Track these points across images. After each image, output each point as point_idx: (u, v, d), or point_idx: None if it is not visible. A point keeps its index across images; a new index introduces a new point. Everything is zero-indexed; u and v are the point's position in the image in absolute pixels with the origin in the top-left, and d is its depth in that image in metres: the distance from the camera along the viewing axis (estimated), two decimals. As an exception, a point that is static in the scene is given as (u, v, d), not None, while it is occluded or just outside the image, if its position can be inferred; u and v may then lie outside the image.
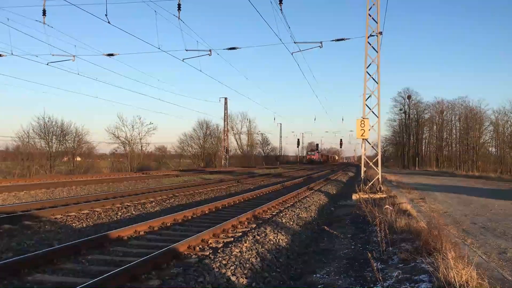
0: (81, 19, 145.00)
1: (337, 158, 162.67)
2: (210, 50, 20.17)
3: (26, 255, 6.67)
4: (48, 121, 47.96)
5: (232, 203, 15.36)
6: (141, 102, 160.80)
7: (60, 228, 10.14)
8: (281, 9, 15.61)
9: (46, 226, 10.27)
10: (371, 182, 18.59)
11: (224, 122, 70.49)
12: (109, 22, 15.38)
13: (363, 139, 18.43)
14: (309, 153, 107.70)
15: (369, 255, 6.47)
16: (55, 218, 11.24)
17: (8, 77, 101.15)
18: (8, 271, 5.94)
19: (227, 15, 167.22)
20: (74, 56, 21.41)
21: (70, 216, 11.73)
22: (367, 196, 15.83)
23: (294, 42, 19.54)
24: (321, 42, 19.01)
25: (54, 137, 48.33)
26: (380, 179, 18.54)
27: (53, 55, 21.86)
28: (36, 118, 48.96)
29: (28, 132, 46.58)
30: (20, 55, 32.90)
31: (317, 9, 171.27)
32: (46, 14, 17.99)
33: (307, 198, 17.66)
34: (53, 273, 6.30)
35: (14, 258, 6.51)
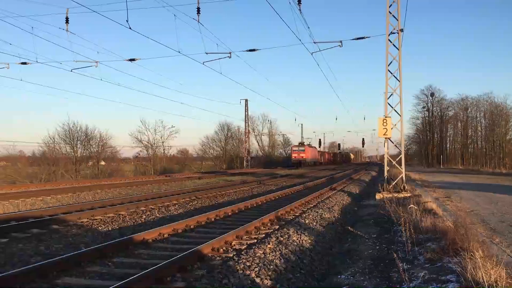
0: (103, 26, 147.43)
1: (352, 156, 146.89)
2: (230, 53, 20.26)
3: (54, 259, 6.80)
4: (73, 126, 48.91)
5: (254, 205, 15.38)
6: (163, 106, 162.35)
7: (87, 232, 10.32)
8: (300, 9, 15.60)
9: (73, 230, 10.46)
10: (395, 181, 18.37)
11: (245, 124, 70.66)
12: (130, 28, 15.58)
13: (385, 138, 18.23)
14: (294, 149, 70.81)
15: (395, 255, 6.40)
16: (82, 222, 11.44)
17: (33, 84, 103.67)
18: (37, 275, 6.07)
19: (246, 17, 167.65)
20: (97, 62, 21.79)
21: (96, 219, 11.92)
22: (390, 195, 15.66)
23: (314, 42, 19.48)
24: (340, 41, 18.89)
25: (79, 142, 49.25)
26: (403, 178, 18.31)
27: (76, 61, 22.29)
28: (61, 124, 50.01)
29: (53, 138, 47.61)
30: (45, 62, 33.72)
31: (336, 8, 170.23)
32: (69, 22, 18.37)
33: (330, 199, 17.55)
34: (80, 276, 6.42)
35: (43, 262, 6.66)
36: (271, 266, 6.96)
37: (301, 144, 74.34)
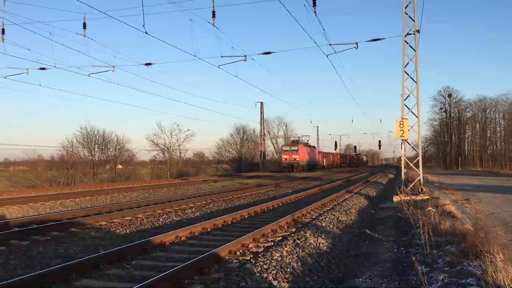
0: (119, 31, 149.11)
1: (365, 158, 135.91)
2: (245, 56, 20.31)
3: (73, 261, 6.90)
4: (91, 130, 49.49)
5: (271, 207, 15.38)
6: (178, 109, 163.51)
7: (105, 235, 10.44)
8: (315, 12, 15.54)
9: (92, 233, 10.59)
10: (412, 184, 18.19)
11: (261, 127, 70.66)
12: (146, 33, 15.73)
13: (402, 140, 18.07)
14: (285, 149, 57.62)
15: (413, 258, 6.33)
16: (100, 225, 11.58)
17: (52, 89, 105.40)
18: (57, 277, 6.15)
19: (261, 20, 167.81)
20: (113, 66, 22.04)
21: (114, 222, 12.05)
22: (408, 198, 15.48)
23: (329, 44, 19.37)
24: (356, 43, 18.77)
25: (96, 146, 49.82)
26: (421, 180, 18.11)
27: (94, 66, 22.55)
28: (79, 128, 50.60)
29: (72, 142, 48.26)
30: (63, 67, 34.30)
31: (351, 10, 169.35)
32: (86, 27, 18.62)
33: (347, 201, 17.45)
34: (99, 278, 6.49)
35: (62, 264, 6.75)
36: (288, 269, 6.94)
37: (294, 142, 59.72)
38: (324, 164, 73.74)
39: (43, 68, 22.65)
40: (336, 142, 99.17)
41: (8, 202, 16.52)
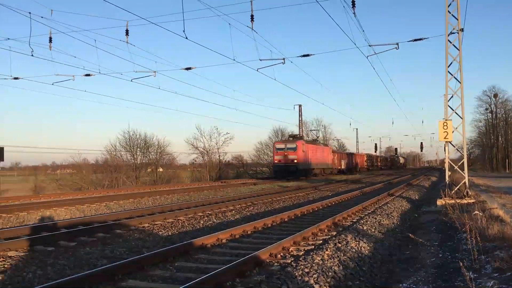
0: (160, 36, 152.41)
1: (402, 161, 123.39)
2: (283, 59, 20.31)
3: (119, 262, 7.09)
4: (133, 134, 50.73)
5: (311, 210, 15.29)
6: (217, 112, 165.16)
7: (148, 236, 10.67)
8: (354, 13, 15.37)
9: (135, 234, 10.85)
10: (457, 187, 17.64)
11: (299, 129, 70.31)
12: (186, 38, 16.00)
13: (446, 141, 17.57)
14: (278, 147, 42.10)
15: (460, 263, 6.13)
16: (143, 227, 11.84)
17: (96, 94, 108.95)
18: (104, 277, 6.34)
19: (300, 23, 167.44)
20: (155, 72, 22.52)
21: (156, 224, 12.30)
22: (453, 201, 15.02)
23: (369, 45, 19.12)
24: (397, 43, 18.42)
25: (138, 149, 51.00)
26: (466, 183, 17.53)
27: (136, 72, 23.13)
28: (122, 132, 52.01)
29: (115, 146, 49.60)
30: (107, 73, 35.37)
31: (392, 10, 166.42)
32: (128, 34, 19.12)
33: (388, 204, 17.12)
34: (144, 279, 6.64)
35: (108, 265, 6.95)
36: (330, 273, 6.88)
37: (293, 137, 44.11)
38: (342, 167, 60.88)
39: (88, 75, 23.38)
40: (376, 144, 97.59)
41: (56, 204, 17.17)
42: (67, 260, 8.05)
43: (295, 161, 40.06)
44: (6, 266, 7.64)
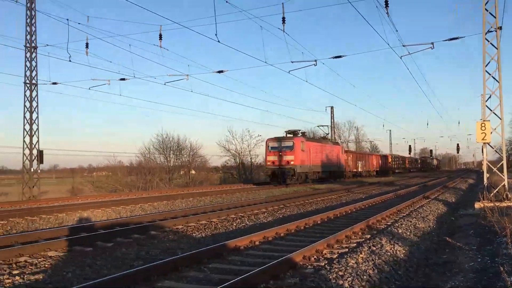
0: (193, 40, 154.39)
1: (435, 163, 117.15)
2: (315, 60, 20.29)
3: (154, 263, 7.20)
4: (166, 137, 51.49)
5: (343, 213, 15.15)
6: (249, 115, 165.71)
7: (182, 238, 10.81)
8: (387, 13, 15.21)
9: (170, 236, 11.02)
10: (496, 189, 17.11)
11: (331, 131, 69.86)
12: (219, 41, 16.17)
13: (484, 143, 17.09)
14: (271, 146, 34.74)
15: (501, 268, 5.96)
16: (177, 228, 12.01)
17: (131, 98, 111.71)
18: (140, 278, 6.47)
19: (331, 24, 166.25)
20: (187, 75, 22.91)
21: (190, 226, 12.45)
22: (492, 204, 14.58)
23: (403, 45, 18.88)
24: (432, 43, 18.13)
25: (171, 152, 51.71)
26: (506, 186, 16.99)
27: (169, 75, 23.55)
28: (155, 135, 52.86)
29: (149, 148, 50.48)
30: (141, 77, 36.20)
31: (426, 9, 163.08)
32: (162, 38, 19.51)
33: (424, 207, 16.77)
34: (179, 280, 6.74)
35: (144, 266, 7.08)
36: (364, 277, 6.80)
37: (291, 133, 35.99)
38: (359, 169, 53.50)
39: (123, 79, 24.00)
40: (410, 146, 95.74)
41: (93, 205, 17.62)
42: (105, 260, 8.26)
43: (292, 162, 33.31)
44: (46, 265, 7.90)
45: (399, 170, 75.40)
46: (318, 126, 45.11)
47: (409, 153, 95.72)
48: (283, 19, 16.78)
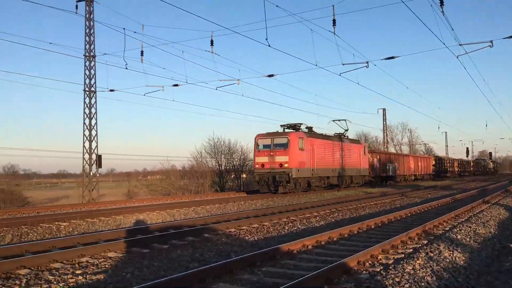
0: (244, 45, 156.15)
1: (491, 166, 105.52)
2: (367, 62, 19.96)
3: (209, 265, 7.32)
4: (217, 141, 52.17)
5: (398, 218, 14.77)
6: (299, 118, 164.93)
7: (235, 241, 10.92)
8: (442, 11, 14.72)
9: (223, 239, 11.16)
10: None
11: (383, 134, 68.40)
12: (269, 46, 16.26)
13: (550, 144, 16.04)
14: (263, 143, 26.96)
15: None
16: (229, 232, 12.15)
17: (183, 103, 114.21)
18: (196, 279, 6.60)
19: (383, 24, 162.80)
20: (238, 80, 23.18)
21: (242, 229, 12.56)
22: (559, 209, 13.75)
23: (460, 44, 18.19)
24: (491, 41, 17.36)
25: (222, 156, 52.30)
26: None
27: (220, 80, 23.92)
28: (207, 139, 53.74)
29: (201, 152, 51.28)
30: (193, 83, 37.05)
31: (483, 6, 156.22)
32: (213, 44, 19.84)
33: (484, 213, 16.05)
34: (233, 282, 6.81)
35: (200, 268, 7.22)
36: (422, 283, 6.60)
37: (290, 127, 28.59)
38: (390, 173, 44.77)
39: (176, 85, 24.61)
40: (467, 148, 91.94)
41: (148, 208, 18.17)
42: (161, 262, 8.49)
43: (286, 165, 26.07)
44: (106, 266, 8.22)
45: (444, 173, 67.08)
46: (333, 120, 35.81)
47: (467, 156, 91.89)
48: (334, 21, 16.64)
